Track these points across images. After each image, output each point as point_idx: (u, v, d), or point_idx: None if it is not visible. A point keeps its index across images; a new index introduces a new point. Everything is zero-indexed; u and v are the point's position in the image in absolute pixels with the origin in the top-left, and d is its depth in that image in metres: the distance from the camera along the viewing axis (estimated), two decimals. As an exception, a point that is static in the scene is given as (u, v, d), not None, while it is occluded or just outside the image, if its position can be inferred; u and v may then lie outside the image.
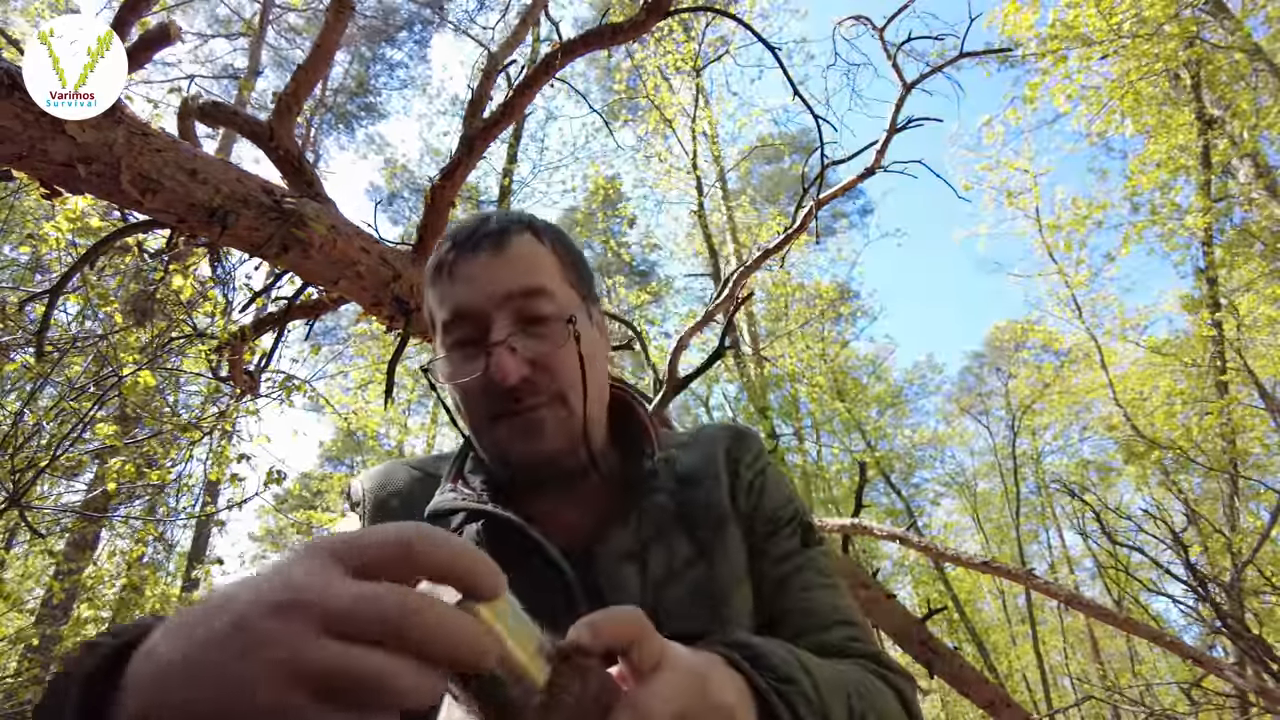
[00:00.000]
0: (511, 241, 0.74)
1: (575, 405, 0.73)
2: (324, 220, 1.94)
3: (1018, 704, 3.19)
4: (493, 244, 0.73)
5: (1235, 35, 7.13)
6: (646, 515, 0.75)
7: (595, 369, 0.76)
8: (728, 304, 4.32)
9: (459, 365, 0.72)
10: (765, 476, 0.83)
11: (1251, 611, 5.07)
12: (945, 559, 5.54)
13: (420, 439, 14.44)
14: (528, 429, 0.71)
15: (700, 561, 0.73)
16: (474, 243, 0.73)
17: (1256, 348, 7.77)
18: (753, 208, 13.15)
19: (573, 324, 0.73)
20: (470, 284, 0.72)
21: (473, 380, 0.71)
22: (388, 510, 0.79)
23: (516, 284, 0.72)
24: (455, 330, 0.73)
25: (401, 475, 0.83)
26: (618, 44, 2.70)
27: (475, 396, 0.72)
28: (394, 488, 0.81)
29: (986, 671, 10.35)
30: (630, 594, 0.69)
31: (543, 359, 0.71)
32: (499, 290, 0.71)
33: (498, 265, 0.72)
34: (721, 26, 9.06)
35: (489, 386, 0.70)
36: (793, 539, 0.79)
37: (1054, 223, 9.21)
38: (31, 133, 1.44)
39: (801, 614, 0.74)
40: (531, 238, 0.76)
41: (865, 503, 5.23)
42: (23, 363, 3.49)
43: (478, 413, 0.73)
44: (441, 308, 0.74)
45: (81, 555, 5.87)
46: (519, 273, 0.73)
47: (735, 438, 0.85)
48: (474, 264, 0.73)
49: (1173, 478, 8.21)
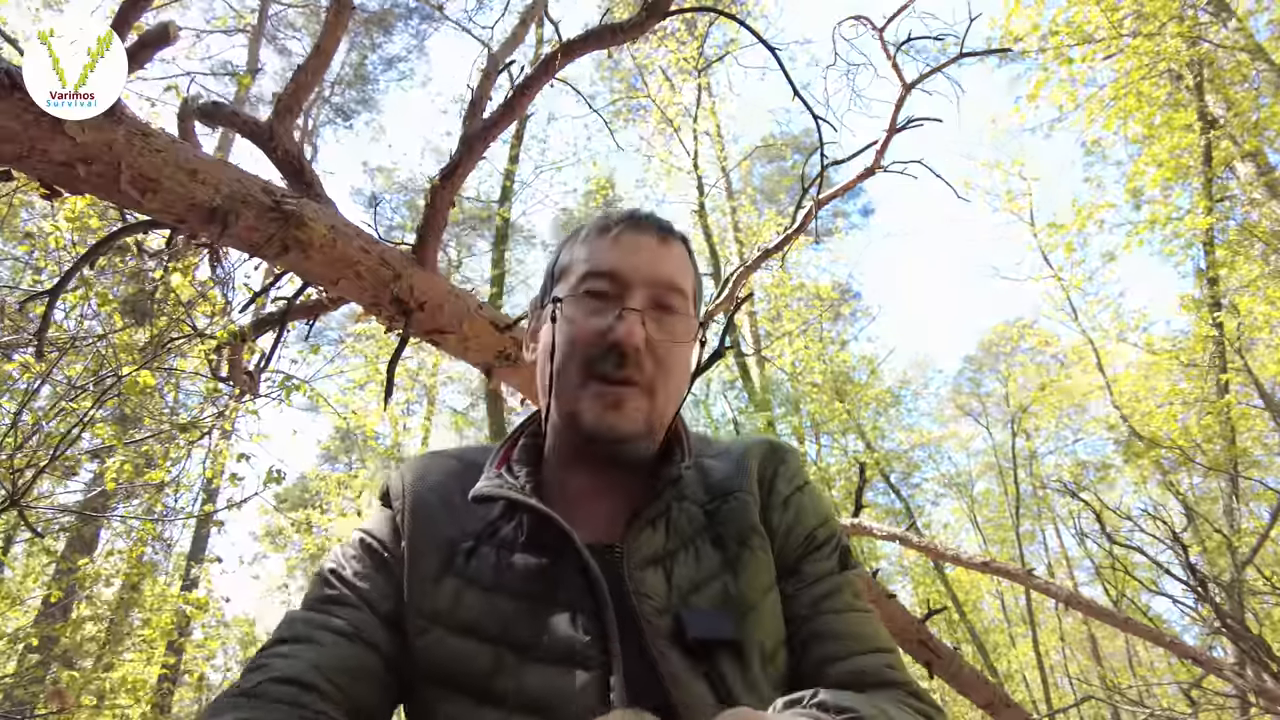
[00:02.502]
0: (673, 240, 0.81)
1: (660, 401, 0.77)
2: (324, 220, 1.94)
3: (1017, 704, 3.19)
4: (659, 233, 0.80)
5: (1238, 35, 7.13)
6: (675, 522, 0.76)
7: (687, 379, 0.81)
8: (728, 304, 4.32)
9: (587, 310, 0.76)
10: (803, 494, 0.83)
11: (1251, 611, 5.07)
12: (945, 559, 5.55)
13: (418, 439, 14.45)
14: (615, 400, 0.74)
15: (725, 573, 0.73)
16: (642, 225, 0.80)
17: (1257, 348, 7.77)
18: (753, 207, 13.15)
19: (701, 328, 0.80)
20: (630, 253, 0.77)
21: (590, 330, 0.75)
22: (426, 504, 0.78)
23: (667, 274, 0.78)
24: (594, 284, 0.77)
25: (439, 467, 0.83)
26: (618, 44, 2.70)
27: (582, 348, 0.75)
28: (432, 480, 0.81)
29: (986, 671, 10.36)
30: (656, 598, 0.69)
31: (660, 346, 0.75)
32: (652, 272, 0.77)
33: (659, 251, 0.79)
34: (724, 26, 9.05)
35: (601, 342, 0.74)
36: (830, 559, 0.79)
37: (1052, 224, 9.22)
38: (31, 133, 1.43)
39: (837, 637, 0.73)
40: (685, 250, 0.83)
41: (865, 503, 5.23)
42: (22, 363, 3.48)
43: (574, 365, 0.76)
44: (589, 261, 0.78)
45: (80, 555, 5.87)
46: (672, 267, 0.79)
47: (770, 452, 0.85)
48: (639, 240, 0.79)
49: (1171, 478, 8.22)
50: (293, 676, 0.63)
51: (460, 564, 0.73)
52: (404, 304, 2.08)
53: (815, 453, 13.12)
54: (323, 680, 0.64)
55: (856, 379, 12.49)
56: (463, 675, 0.67)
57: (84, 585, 5.17)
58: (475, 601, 0.70)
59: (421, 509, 0.78)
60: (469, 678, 0.67)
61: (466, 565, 0.72)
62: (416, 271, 2.14)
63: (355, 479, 10.15)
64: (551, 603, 0.68)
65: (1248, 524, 7.23)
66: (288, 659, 0.65)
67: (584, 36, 2.45)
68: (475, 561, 0.73)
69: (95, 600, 5.30)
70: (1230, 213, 7.63)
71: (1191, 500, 8.21)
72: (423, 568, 0.73)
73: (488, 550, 0.73)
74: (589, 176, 12.93)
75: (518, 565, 0.71)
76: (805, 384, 11.54)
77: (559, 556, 0.70)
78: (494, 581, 0.71)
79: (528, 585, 0.70)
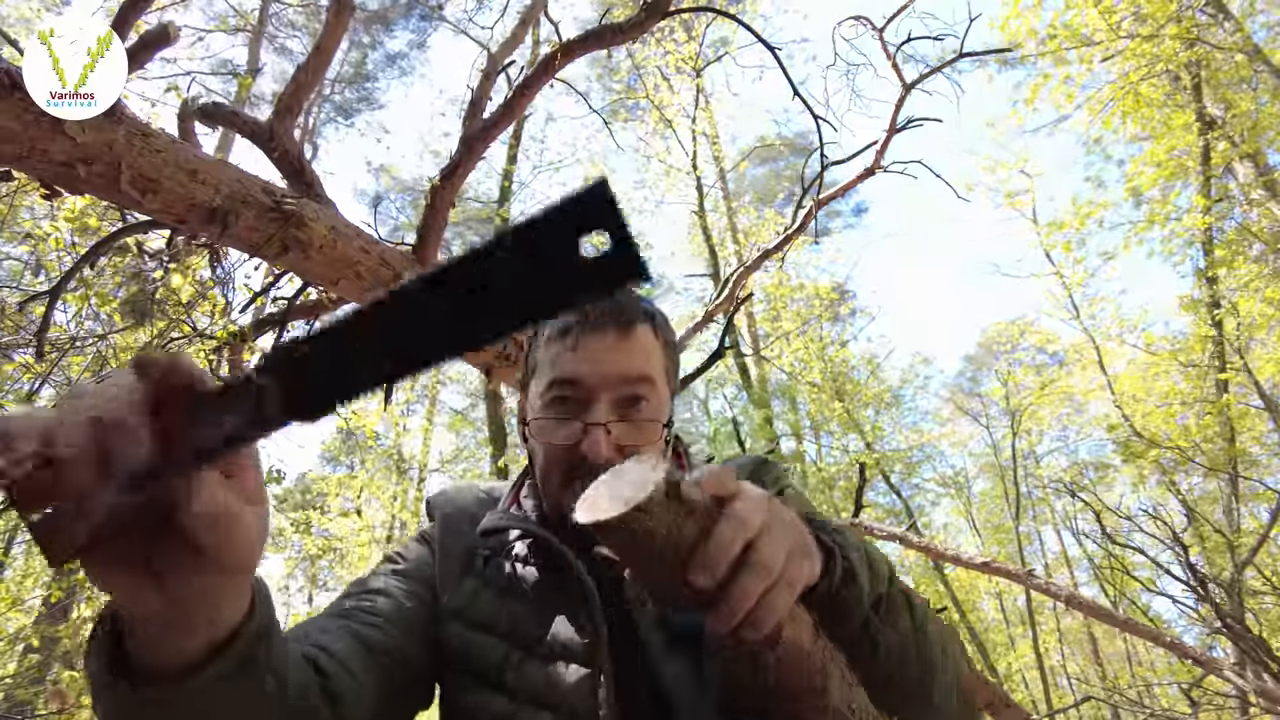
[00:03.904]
0: (635, 327, 0.82)
1: None
2: (324, 221, 1.94)
3: (1017, 704, 3.20)
4: (618, 328, 0.81)
5: (1235, 36, 7.14)
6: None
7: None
8: (727, 304, 4.32)
9: (554, 426, 0.81)
10: (783, 496, 0.89)
11: (1251, 611, 5.07)
12: (945, 559, 5.55)
13: (418, 439, 14.46)
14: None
15: None
16: (600, 324, 0.81)
17: (1257, 348, 7.77)
18: (752, 208, 13.15)
19: (668, 428, 0.83)
20: (589, 361, 0.80)
21: (560, 444, 0.80)
22: (454, 523, 0.91)
23: (633, 370, 0.80)
24: (559, 391, 0.81)
25: (469, 495, 0.96)
26: (618, 44, 2.70)
27: (559, 458, 0.81)
28: (461, 503, 0.94)
29: (986, 671, 10.35)
30: (654, 615, 0.77)
31: (631, 449, 0.79)
32: (613, 373, 0.80)
33: (618, 351, 0.81)
34: (722, 26, 9.06)
35: (573, 455, 0.78)
36: None
37: (1053, 223, 9.22)
38: (31, 133, 1.43)
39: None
40: (649, 329, 0.84)
41: (865, 503, 5.23)
42: (22, 363, 3.48)
43: (555, 471, 0.82)
44: (554, 368, 0.82)
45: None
46: (637, 361, 0.81)
47: (758, 466, 0.95)
48: (598, 343, 0.81)
49: (1171, 477, 8.22)
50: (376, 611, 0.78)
51: (479, 567, 0.85)
52: (404, 304, 2.08)
53: (815, 452, 13.13)
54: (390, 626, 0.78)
55: (855, 378, 12.49)
56: (479, 666, 0.78)
57: (84, 587, 5.17)
58: (489, 601, 0.82)
59: (451, 530, 0.90)
60: (484, 669, 0.77)
61: (485, 569, 0.85)
62: (417, 271, 2.15)
63: (355, 479, 10.15)
64: (554, 608, 0.79)
65: (1248, 524, 7.23)
66: (366, 602, 0.80)
67: (584, 37, 2.45)
68: (491, 569, 0.85)
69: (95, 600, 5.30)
70: (1229, 213, 7.64)
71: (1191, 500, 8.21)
72: (448, 566, 0.86)
73: (503, 560, 0.85)
74: (587, 177, 12.92)
75: (527, 575, 0.82)
76: (805, 383, 11.54)
77: (561, 570, 0.79)
78: (507, 586, 0.83)
79: (535, 592, 0.81)
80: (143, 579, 0.40)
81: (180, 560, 0.39)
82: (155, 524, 0.37)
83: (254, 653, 0.49)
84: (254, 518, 0.40)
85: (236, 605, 0.47)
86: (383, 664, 0.73)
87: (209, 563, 0.39)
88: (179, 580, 0.40)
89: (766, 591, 0.50)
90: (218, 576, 0.41)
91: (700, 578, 0.49)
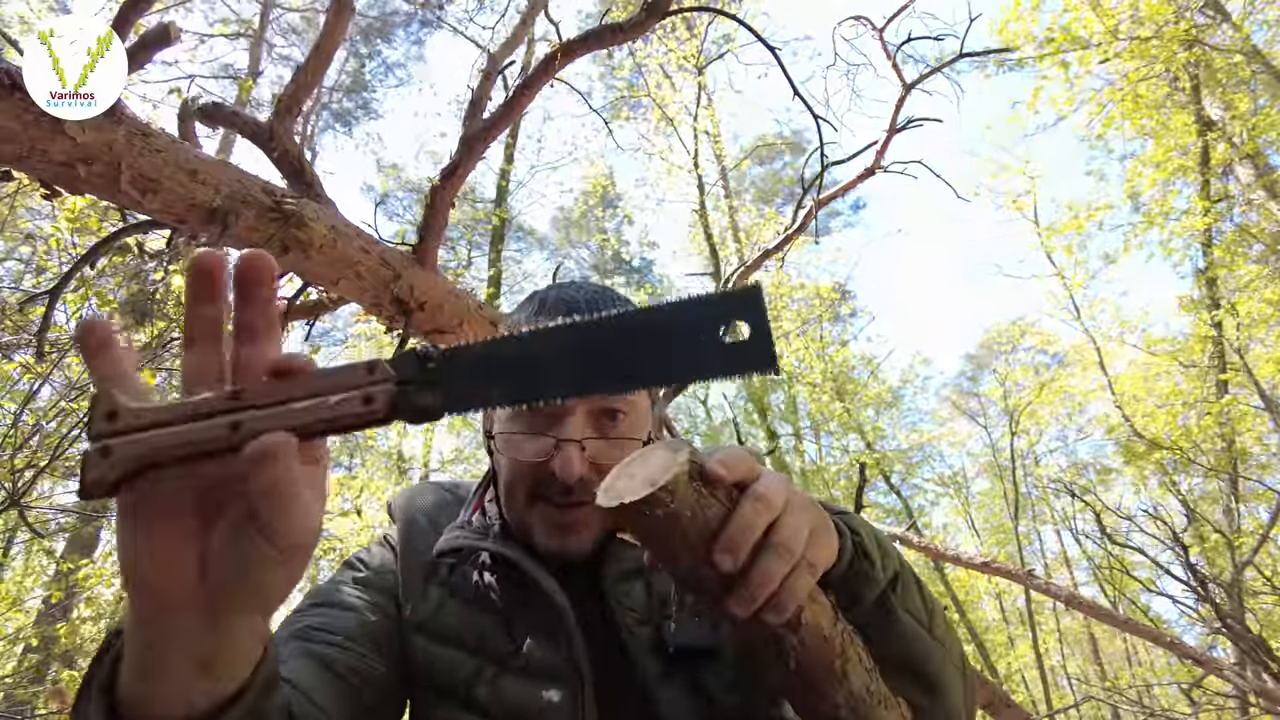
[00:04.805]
0: None
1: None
2: (324, 221, 1.94)
3: (1018, 704, 3.20)
4: None
5: (1234, 37, 7.14)
6: None
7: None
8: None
9: (522, 440, 0.75)
10: None
11: (1251, 611, 5.07)
12: (945, 559, 5.55)
13: (418, 440, 14.44)
14: (562, 526, 0.75)
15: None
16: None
17: (1256, 348, 7.77)
18: (753, 206, 13.15)
19: (647, 444, 0.79)
20: None
21: (529, 458, 0.74)
22: (416, 526, 0.86)
23: None
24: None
25: (430, 496, 0.91)
26: (618, 44, 2.70)
27: (525, 474, 0.75)
28: (421, 505, 0.89)
29: (986, 671, 10.35)
30: (638, 609, 0.74)
31: (604, 466, 0.73)
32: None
33: None
34: (724, 25, 9.06)
35: (542, 471, 0.73)
36: None
37: (1051, 228, 9.22)
38: (31, 133, 1.43)
39: None
40: None
41: (865, 503, 5.24)
42: (22, 363, 3.48)
43: (520, 487, 0.76)
44: None
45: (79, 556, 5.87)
46: None
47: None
48: None
49: (1171, 477, 8.21)
50: (337, 630, 0.73)
51: (444, 575, 0.80)
52: (404, 304, 2.08)
53: (815, 452, 13.13)
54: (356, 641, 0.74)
55: (855, 378, 12.49)
56: (445, 683, 0.73)
57: (84, 587, 5.17)
58: (454, 613, 0.77)
59: (411, 530, 0.85)
60: (453, 685, 0.72)
61: (450, 577, 0.80)
62: (417, 271, 2.15)
63: (355, 479, 10.14)
64: (526, 621, 0.74)
65: (1248, 524, 7.23)
66: (327, 618, 0.75)
67: (584, 37, 2.45)
68: (457, 577, 0.79)
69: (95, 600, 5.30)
70: (1228, 213, 7.63)
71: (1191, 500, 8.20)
72: (411, 575, 0.81)
73: (469, 569, 0.79)
74: (586, 175, 12.93)
75: (495, 584, 0.78)
76: (805, 383, 11.54)
77: (527, 587, 0.75)
78: (473, 596, 0.77)
79: (504, 602, 0.76)
80: (186, 541, 0.38)
81: (233, 528, 0.38)
82: (222, 482, 0.37)
83: (262, 704, 0.45)
84: (312, 501, 0.38)
85: (256, 637, 0.43)
86: (350, 685, 0.69)
87: (261, 531, 0.37)
88: (224, 554, 0.38)
89: (789, 574, 0.50)
90: (264, 551, 0.38)
91: (724, 559, 0.48)
